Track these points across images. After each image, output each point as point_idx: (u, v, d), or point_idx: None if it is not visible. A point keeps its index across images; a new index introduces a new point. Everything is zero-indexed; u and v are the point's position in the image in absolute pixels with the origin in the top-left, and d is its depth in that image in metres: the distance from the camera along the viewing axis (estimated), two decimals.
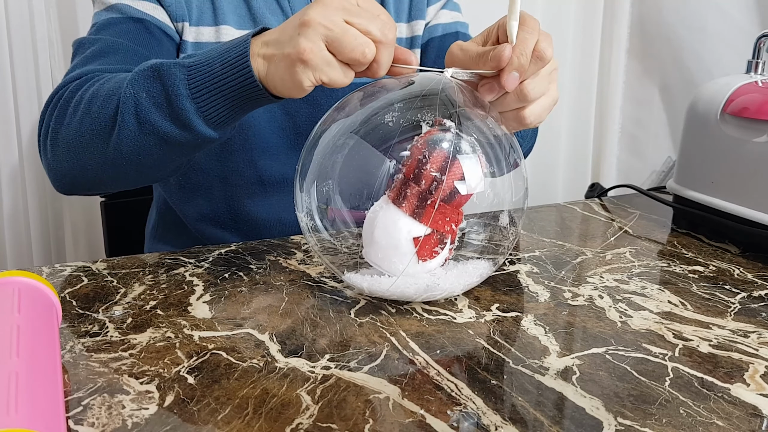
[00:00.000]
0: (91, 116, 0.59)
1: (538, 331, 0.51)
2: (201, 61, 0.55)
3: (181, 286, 0.59)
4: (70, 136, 0.61)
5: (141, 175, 0.63)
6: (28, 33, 1.09)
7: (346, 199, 0.53)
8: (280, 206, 0.81)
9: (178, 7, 0.74)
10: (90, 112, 0.59)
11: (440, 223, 0.52)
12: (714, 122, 0.75)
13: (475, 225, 0.55)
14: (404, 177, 0.52)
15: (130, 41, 0.70)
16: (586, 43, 1.43)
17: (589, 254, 0.69)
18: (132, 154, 0.59)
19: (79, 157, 0.61)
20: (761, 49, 0.78)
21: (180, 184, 0.81)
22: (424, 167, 0.51)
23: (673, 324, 0.53)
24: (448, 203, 0.51)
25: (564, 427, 0.39)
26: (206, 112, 0.56)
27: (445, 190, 0.51)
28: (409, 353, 0.47)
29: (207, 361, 0.46)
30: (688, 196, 0.78)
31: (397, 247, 0.52)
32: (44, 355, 0.40)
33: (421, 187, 0.51)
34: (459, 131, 0.52)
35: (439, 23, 0.89)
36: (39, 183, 1.15)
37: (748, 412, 0.41)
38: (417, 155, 0.51)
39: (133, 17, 0.71)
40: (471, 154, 0.51)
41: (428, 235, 0.52)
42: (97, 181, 0.64)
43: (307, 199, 0.54)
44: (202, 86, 0.55)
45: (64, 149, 0.62)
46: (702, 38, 1.26)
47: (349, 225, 0.55)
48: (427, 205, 0.51)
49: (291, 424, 0.39)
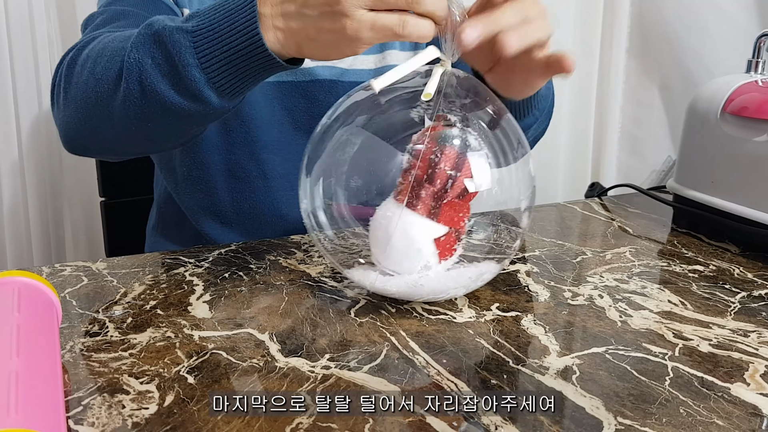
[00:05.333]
0: (96, 77, 0.57)
1: (538, 331, 0.51)
2: (205, 25, 0.51)
3: (181, 285, 0.59)
4: (78, 97, 0.59)
5: (152, 143, 0.61)
6: (28, 33, 1.09)
7: (353, 196, 0.52)
8: (282, 201, 0.81)
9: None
10: (95, 72, 0.57)
11: (455, 219, 0.52)
12: (714, 122, 0.75)
13: (483, 223, 0.54)
14: (416, 178, 0.51)
15: (139, 9, 0.69)
16: (586, 43, 1.43)
17: (589, 254, 0.69)
18: (139, 120, 0.55)
19: (87, 119, 0.59)
20: (761, 48, 0.77)
21: (184, 177, 0.81)
22: (438, 167, 0.50)
23: (673, 323, 0.53)
24: (461, 199, 0.51)
25: (564, 426, 0.39)
26: (218, 82, 0.52)
27: (458, 187, 0.50)
28: (409, 353, 0.47)
29: (207, 360, 0.46)
30: (688, 196, 0.78)
31: (420, 250, 0.51)
32: (44, 355, 0.40)
33: (436, 187, 0.50)
34: (465, 125, 0.51)
35: None
36: (39, 182, 1.15)
37: (748, 411, 0.41)
38: (428, 155, 0.50)
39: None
40: (479, 147, 0.51)
41: (447, 234, 0.51)
42: (107, 145, 0.62)
43: (311, 194, 0.53)
44: (210, 55, 0.51)
45: (73, 109, 0.60)
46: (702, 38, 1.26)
47: (354, 222, 0.54)
48: (443, 204, 0.50)
49: (291, 424, 0.39)
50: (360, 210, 0.53)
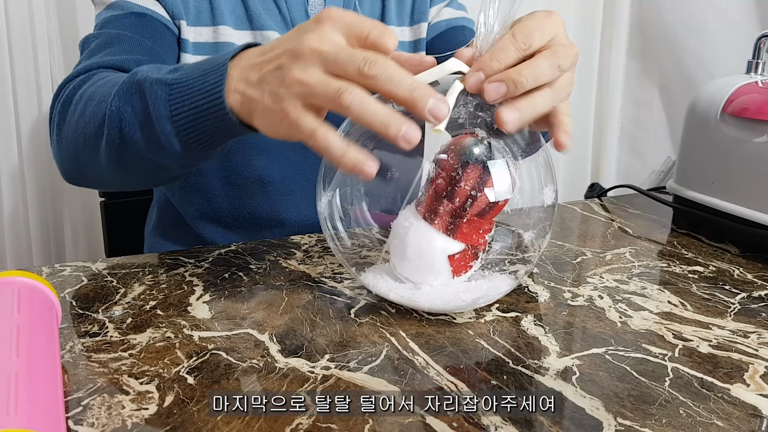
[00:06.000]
0: (84, 120, 0.58)
1: (537, 332, 0.51)
2: (182, 80, 0.51)
3: (181, 286, 0.59)
4: (69, 136, 0.61)
5: (140, 183, 0.63)
6: (28, 33, 1.09)
7: (375, 202, 0.51)
8: (281, 206, 0.81)
9: (174, 6, 0.74)
10: (84, 116, 0.59)
11: (474, 237, 0.51)
12: (714, 122, 0.75)
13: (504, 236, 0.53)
14: (435, 193, 0.49)
15: (133, 33, 0.70)
16: (586, 43, 1.43)
17: (588, 254, 0.69)
18: (122, 165, 0.57)
19: (78, 158, 0.61)
20: (761, 49, 0.78)
21: (181, 184, 0.81)
22: (458, 184, 0.48)
23: (672, 324, 0.53)
24: (481, 217, 0.50)
25: (564, 427, 0.39)
26: (186, 137, 0.52)
27: (479, 205, 0.49)
28: (409, 353, 0.47)
29: (207, 361, 0.46)
30: (688, 197, 0.78)
31: (432, 266, 0.51)
32: (44, 356, 0.40)
33: (455, 204, 0.49)
34: (489, 142, 0.49)
35: (443, 19, 0.88)
36: (39, 183, 1.15)
37: (748, 412, 0.41)
38: (449, 171, 0.48)
39: (134, 12, 0.72)
40: (503, 165, 0.48)
41: (463, 251, 0.51)
42: (99, 181, 0.64)
43: (328, 200, 0.52)
44: (181, 109, 0.51)
45: (65, 148, 0.62)
46: (702, 38, 1.27)
47: (373, 227, 0.53)
48: (462, 222, 0.50)
49: (291, 425, 0.39)
50: (380, 216, 0.53)
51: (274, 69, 0.45)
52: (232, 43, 0.76)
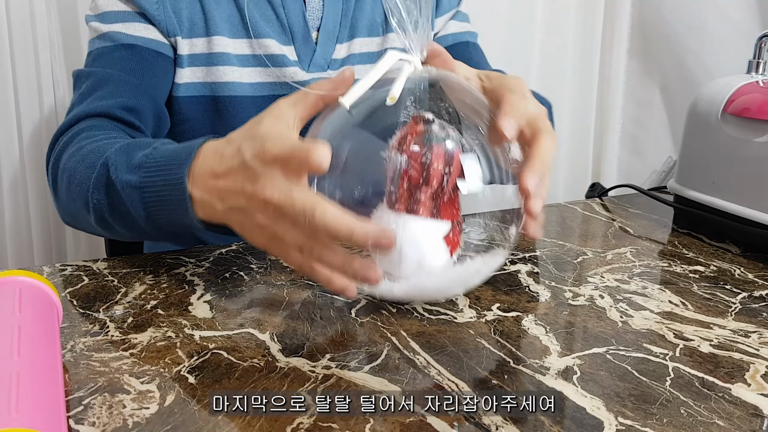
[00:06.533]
0: (71, 197, 0.61)
1: (538, 331, 0.51)
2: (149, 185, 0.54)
3: (182, 285, 0.59)
4: (63, 200, 0.64)
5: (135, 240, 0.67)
6: (28, 33, 1.08)
7: (348, 198, 0.52)
8: None
9: (168, 23, 0.74)
10: (70, 191, 0.61)
11: (455, 212, 0.52)
12: (715, 122, 0.75)
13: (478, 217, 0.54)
14: (410, 183, 0.50)
15: (121, 71, 0.72)
16: (586, 43, 1.43)
17: (589, 254, 0.69)
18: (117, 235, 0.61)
19: (72, 220, 0.65)
20: (762, 49, 0.77)
21: None
22: (431, 167, 0.49)
23: (673, 324, 0.53)
24: (457, 190, 0.51)
25: (565, 426, 0.39)
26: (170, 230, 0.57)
27: (454, 179, 0.50)
28: (409, 353, 0.47)
29: (208, 360, 0.46)
30: (688, 196, 0.78)
31: (434, 252, 0.51)
32: (45, 355, 0.40)
33: (433, 187, 0.50)
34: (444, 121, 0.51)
35: (449, 33, 0.88)
36: (40, 182, 1.15)
37: (749, 412, 0.41)
38: (418, 158, 0.50)
39: (124, 44, 0.73)
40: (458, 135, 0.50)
41: (453, 228, 0.52)
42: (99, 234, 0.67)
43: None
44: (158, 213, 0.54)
45: (60, 205, 0.66)
46: (702, 38, 1.26)
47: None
48: (442, 202, 0.51)
49: (291, 424, 0.39)
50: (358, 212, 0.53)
51: (238, 211, 0.49)
52: (226, 54, 0.76)
